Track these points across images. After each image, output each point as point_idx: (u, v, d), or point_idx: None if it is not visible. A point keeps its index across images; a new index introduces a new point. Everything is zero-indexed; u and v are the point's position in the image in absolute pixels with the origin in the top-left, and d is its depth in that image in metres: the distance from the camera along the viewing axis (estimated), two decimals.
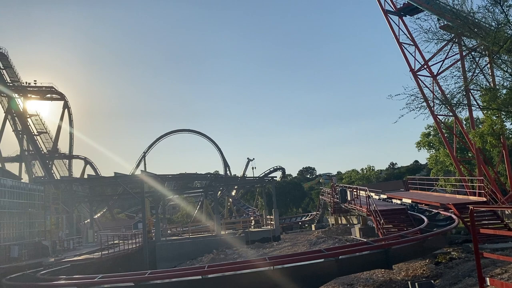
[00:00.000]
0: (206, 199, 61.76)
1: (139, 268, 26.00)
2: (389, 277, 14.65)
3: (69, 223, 38.56)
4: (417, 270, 14.93)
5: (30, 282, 14.80)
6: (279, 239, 37.09)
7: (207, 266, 13.95)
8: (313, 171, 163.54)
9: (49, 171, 72.64)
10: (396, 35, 30.17)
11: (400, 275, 14.75)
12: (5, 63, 73.41)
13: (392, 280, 14.32)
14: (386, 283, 14.07)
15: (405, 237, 15.24)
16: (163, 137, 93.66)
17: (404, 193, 31.64)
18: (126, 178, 43.56)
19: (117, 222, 71.71)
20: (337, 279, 14.51)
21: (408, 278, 14.15)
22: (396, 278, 14.48)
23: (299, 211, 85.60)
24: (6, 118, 73.69)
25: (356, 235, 28.31)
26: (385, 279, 14.61)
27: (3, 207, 24.27)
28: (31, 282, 14.68)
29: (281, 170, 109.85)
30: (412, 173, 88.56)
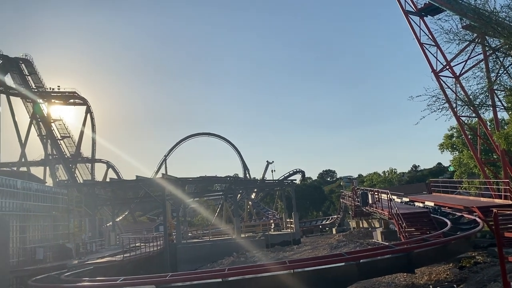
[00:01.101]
0: (226, 202, 61.94)
1: (160, 271, 26.24)
2: (412, 281, 14.43)
3: (92, 226, 39.15)
4: (440, 274, 14.67)
5: (55, 283, 15.07)
6: (299, 242, 36.91)
7: (227, 269, 14.00)
8: (334, 174, 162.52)
9: (72, 175, 74.02)
10: (417, 35, 29.76)
11: (423, 279, 14.51)
12: (30, 69, 75.34)
13: (415, 284, 14.10)
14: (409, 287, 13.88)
15: (427, 240, 14.98)
16: (183, 141, 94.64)
17: (427, 196, 31.16)
18: (147, 182, 44.12)
19: (139, 225, 72.57)
20: (358, 283, 14.36)
21: (431, 282, 13.91)
22: (418, 282, 14.25)
23: (319, 214, 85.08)
24: (31, 123, 75.53)
25: (378, 239, 27.96)
26: (407, 283, 14.40)
27: (28, 210, 24.80)
28: (56, 284, 14.96)
29: (300, 173, 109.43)
30: (435, 175, 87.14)
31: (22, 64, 74.73)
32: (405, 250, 13.66)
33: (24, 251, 23.25)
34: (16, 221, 23.14)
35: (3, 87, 75.12)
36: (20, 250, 23.03)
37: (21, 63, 74.66)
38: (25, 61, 75.03)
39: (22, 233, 23.78)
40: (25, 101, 75.40)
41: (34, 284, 15.20)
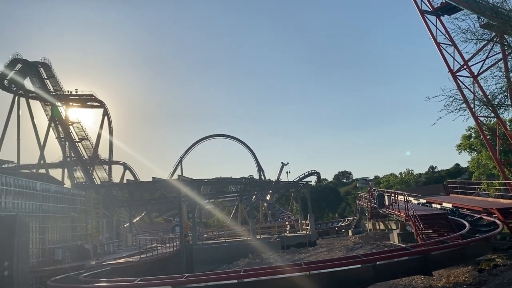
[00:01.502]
0: (241, 203, 62.02)
1: (177, 271, 26.43)
2: (429, 283, 14.25)
3: (109, 227, 39.58)
4: (458, 277, 14.46)
5: (73, 284, 15.28)
6: (315, 244, 36.76)
7: (243, 270, 14.02)
8: (350, 176, 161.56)
9: (90, 176, 74.92)
10: (433, 35, 29.40)
11: (441, 282, 14.32)
12: (49, 73, 76.60)
13: (432, 287, 13.93)
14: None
15: (445, 242, 14.78)
16: (198, 142, 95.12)
17: (444, 198, 30.77)
18: (163, 183, 44.36)
19: (155, 226, 73.09)
20: (375, 285, 14.22)
21: (449, 285, 13.73)
22: (436, 285, 14.07)
23: (335, 216, 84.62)
24: (49, 125, 76.75)
25: (395, 241, 27.71)
26: (424, 285, 14.22)
27: (47, 211, 25.19)
28: (74, 284, 15.16)
29: (316, 175, 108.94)
30: (452, 176, 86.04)
31: (41, 68, 76.03)
32: (423, 252, 13.50)
33: (43, 251, 23.63)
34: (35, 222, 23.53)
35: (22, 91, 76.60)
36: (40, 250, 23.41)
37: (39, 67, 75.97)
38: (43, 65, 76.32)
39: (42, 234, 24.18)
40: (44, 104, 76.70)
41: (53, 284, 15.43)
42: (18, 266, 9.34)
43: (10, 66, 74.06)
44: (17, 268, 9.25)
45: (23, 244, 10.08)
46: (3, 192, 20.73)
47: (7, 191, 21.10)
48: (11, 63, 74.01)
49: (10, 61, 73.95)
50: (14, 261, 9.18)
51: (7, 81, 75.96)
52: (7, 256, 9.18)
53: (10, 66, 74.11)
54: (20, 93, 76.82)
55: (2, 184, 20.74)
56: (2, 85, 76.24)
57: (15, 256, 9.22)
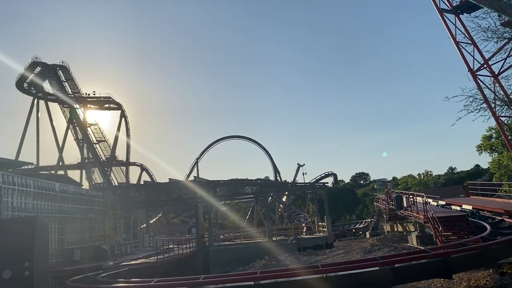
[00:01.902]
0: (257, 204, 61.94)
1: (193, 272, 26.49)
2: (449, 287, 13.99)
3: (127, 228, 39.96)
4: (479, 280, 14.15)
5: (92, 284, 15.43)
6: (332, 246, 36.49)
7: (259, 272, 13.95)
8: (367, 177, 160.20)
9: (107, 177, 75.84)
10: (452, 34, 28.88)
11: (461, 285, 14.03)
12: (67, 76, 77.90)
13: None
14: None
15: (465, 245, 14.49)
16: (214, 144, 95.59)
17: (464, 199, 30.24)
18: (180, 184, 44.59)
19: (172, 227, 73.53)
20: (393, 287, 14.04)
21: None
22: None
23: (352, 218, 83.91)
24: (68, 127, 78.03)
25: (413, 243, 27.32)
26: None
27: (66, 212, 25.55)
28: (92, 284, 15.30)
29: (333, 176, 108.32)
30: (472, 178, 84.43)
31: (59, 71, 77.39)
32: (442, 255, 13.25)
33: (62, 252, 23.97)
34: (54, 223, 23.88)
35: (41, 93, 78.09)
36: (59, 251, 23.76)
37: (58, 70, 77.34)
38: (62, 68, 77.66)
39: (60, 234, 24.52)
40: (62, 106, 78.04)
41: (72, 285, 15.61)
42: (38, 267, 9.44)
43: (29, 69, 75.62)
44: (37, 268, 9.35)
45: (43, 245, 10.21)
46: (23, 193, 21.09)
47: (27, 192, 21.46)
48: (31, 66, 75.54)
49: (30, 64, 75.49)
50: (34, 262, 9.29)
51: (26, 84, 77.55)
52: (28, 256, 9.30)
53: (30, 69, 75.67)
54: (39, 95, 78.32)
55: (22, 185, 21.11)
56: (22, 88, 77.85)
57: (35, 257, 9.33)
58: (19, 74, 76.04)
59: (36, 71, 76.03)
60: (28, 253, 9.36)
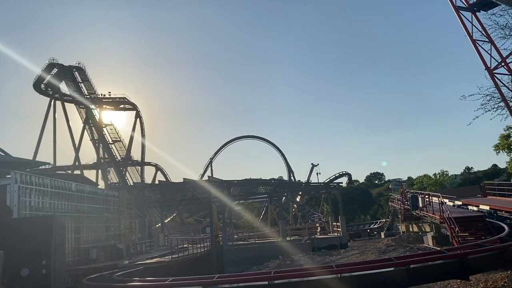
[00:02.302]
0: (271, 204, 61.92)
1: (207, 272, 26.62)
2: None
3: (142, 227, 40.27)
4: (497, 282, 13.93)
5: (107, 283, 15.61)
6: (346, 246, 36.30)
7: (273, 272, 13.95)
8: (382, 177, 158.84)
9: (123, 177, 76.63)
10: (469, 32, 28.47)
11: (478, 286, 13.84)
12: (83, 77, 78.97)
13: None
14: None
15: (483, 246, 14.28)
16: (228, 144, 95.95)
17: (481, 199, 29.80)
18: (194, 184, 44.87)
19: (186, 226, 74.02)
20: None
21: None
22: None
23: (367, 218, 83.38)
24: (84, 128, 79.05)
25: (429, 244, 27.02)
26: None
27: (82, 211, 25.83)
28: (108, 283, 15.49)
29: (347, 176, 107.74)
30: (490, 177, 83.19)
31: (75, 72, 78.49)
32: (459, 256, 13.07)
33: (79, 250, 24.24)
34: (71, 222, 24.17)
35: (58, 94, 79.28)
36: (75, 249, 24.04)
37: (74, 71, 78.44)
38: (78, 69, 78.76)
39: (77, 233, 24.81)
40: (79, 107, 79.07)
41: (88, 283, 15.83)
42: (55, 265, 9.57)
43: (46, 71, 76.86)
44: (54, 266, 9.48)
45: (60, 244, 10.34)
46: (40, 193, 21.40)
47: (44, 191, 21.77)
48: (48, 67, 76.75)
49: (47, 66, 76.70)
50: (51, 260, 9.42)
51: (44, 85, 78.82)
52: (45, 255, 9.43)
53: (47, 71, 76.90)
54: (56, 96, 79.54)
55: (40, 185, 21.42)
56: (39, 89, 79.16)
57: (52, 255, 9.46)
58: (37, 76, 77.38)
59: (53, 72, 77.22)
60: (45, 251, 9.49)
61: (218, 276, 13.94)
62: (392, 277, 12.37)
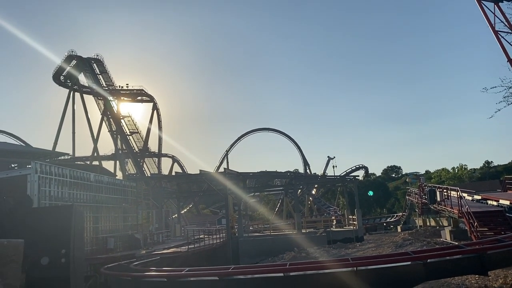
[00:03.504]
0: (286, 197, 61.91)
1: (223, 263, 26.85)
2: (484, 284, 13.62)
3: (159, 218, 40.72)
4: None
5: (125, 272, 15.85)
6: (362, 240, 36.15)
7: (289, 264, 13.95)
8: (399, 170, 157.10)
9: (140, 168, 77.47)
10: (491, 23, 27.82)
11: (497, 282, 13.63)
12: (101, 68, 79.76)
13: (488, 287, 13.29)
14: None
15: (502, 241, 14.02)
16: (244, 136, 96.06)
17: (502, 194, 29.28)
18: (210, 176, 45.14)
19: (202, 217, 74.61)
20: (425, 283, 13.77)
21: (507, 286, 13.05)
22: (492, 285, 13.42)
23: (383, 211, 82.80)
24: (102, 119, 79.99)
25: (447, 238, 26.71)
26: (479, 285, 13.61)
27: (101, 201, 26.22)
28: (126, 272, 15.72)
29: (363, 169, 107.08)
30: (510, 172, 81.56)
31: (94, 64, 79.32)
32: (477, 251, 12.86)
33: (97, 240, 24.66)
34: (89, 212, 24.57)
35: (77, 86, 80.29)
36: (93, 239, 24.46)
37: (93, 63, 79.28)
38: (96, 61, 79.56)
39: (95, 223, 25.22)
40: (97, 98, 79.97)
41: (106, 272, 16.09)
42: (74, 254, 9.74)
43: (66, 62, 77.87)
44: (73, 255, 9.64)
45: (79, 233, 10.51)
46: (60, 183, 21.79)
47: (64, 182, 22.15)
48: (67, 59, 77.74)
49: (66, 57, 77.69)
50: (70, 249, 9.59)
51: (63, 76, 79.90)
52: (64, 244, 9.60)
53: (66, 62, 77.90)
54: (75, 88, 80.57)
55: (59, 175, 21.80)
56: (59, 81, 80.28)
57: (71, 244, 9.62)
58: (56, 67, 78.47)
59: (72, 64, 78.20)
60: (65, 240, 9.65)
61: (233, 267, 14.00)
62: (409, 271, 12.25)
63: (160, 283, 13.57)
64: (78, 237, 10.17)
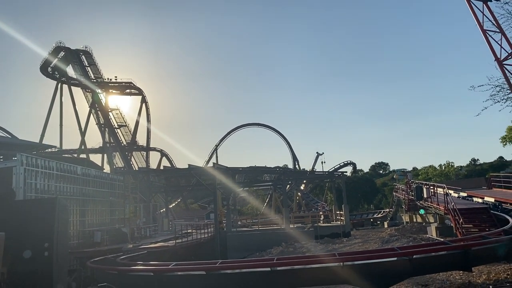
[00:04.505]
0: (275, 192, 62.03)
1: (210, 257, 26.80)
2: (468, 279, 13.77)
3: (146, 212, 40.50)
4: (500, 274, 13.89)
5: (111, 265, 15.74)
6: (349, 235, 36.40)
7: (276, 258, 13.98)
8: (386, 167, 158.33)
9: (128, 162, 76.87)
10: (480, 22, 28.01)
11: (481, 278, 13.80)
12: (90, 60, 78.77)
13: (472, 283, 13.44)
14: (465, 286, 13.24)
15: (487, 238, 14.21)
16: (233, 131, 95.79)
17: (487, 191, 29.67)
18: (199, 170, 44.96)
19: (190, 212, 74.42)
20: (411, 279, 13.89)
21: (490, 282, 13.20)
22: (476, 281, 13.57)
23: (370, 207, 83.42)
24: (90, 112, 79.03)
25: (432, 234, 27.00)
26: (463, 281, 13.75)
27: (87, 195, 26.03)
28: (112, 266, 15.61)
29: (351, 165, 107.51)
30: (496, 170, 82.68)
31: (82, 56, 78.26)
32: (462, 247, 13.02)
33: (83, 233, 24.48)
34: (76, 205, 24.38)
35: (65, 78, 79.24)
36: (80, 232, 24.28)
37: (81, 55, 78.23)
38: (85, 53, 78.52)
39: (82, 216, 25.04)
40: (85, 91, 78.96)
41: (92, 266, 15.98)
42: (58, 247, 9.64)
43: (53, 54, 76.72)
44: (56, 249, 9.55)
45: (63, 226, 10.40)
46: (46, 176, 21.55)
47: (50, 174, 21.92)
48: (55, 50, 76.63)
49: (54, 49, 76.57)
50: (53, 242, 9.48)
51: (50, 68, 78.77)
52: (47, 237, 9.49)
53: (54, 54, 76.76)
54: (62, 80, 79.52)
55: (45, 167, 21.56)
56: (46, 72, 79.13)
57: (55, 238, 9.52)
58: (44, 59, 77.24)
59: (60, 55, 77.09)
60: (48, 234, 9.55)
61: (221, 261, 14.01)
62: (394, 267, 12.36)
63: (147, 277, 13.51)
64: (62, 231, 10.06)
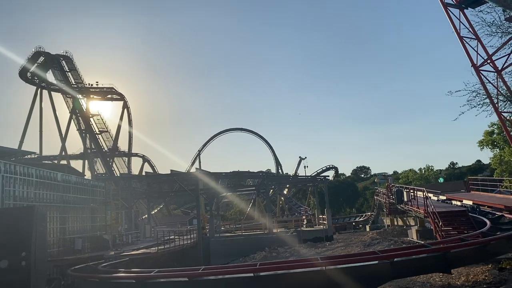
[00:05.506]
0: (259, 197, 62.03)
1: (194, 263, 26.64)
2: (448, 281, 14.02)
3: (128, 218, 40.10)
4: (478, 275, 14.18)
5: (93, 273, 15.54)
6: (331, 239, 36.63)
7: (259, 264, 14.01)
8: (368, 171, 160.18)
9: (109, 168, 75.95)
10: (456, 29, 28.67)
11: (460, 280, 14.07)
12: (70, 65, 77.79)
13: (451, 285, 13.70)
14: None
15: (465, 240, 14.49)
16: (216, 136, 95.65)
17: (465, 195, 30.21)
18: (181, 175, 44.79)
19: (173, 218, 73.76)
20: (392, 281, 14.08)
21: (469, 283, 13.48)
22: (455, 283, 13.83)
23: (352, 211, 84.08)
24: (71, 118, 77.99)
25: (413, 237, 27.37)
26: (443, 283, 14.00)
27: (68, 202, 25.66)
28: (93, 274, 15.42)
29: (334, 169, 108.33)
30: (474, 173, 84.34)
31: (62, 61, 77.28)
32: (441, 250, 13.25)
33: (64, 241, 24.12)
34: (56, 212, 23.99)
35: (45, 83, 78.12)
36: (60, 240, 23.90)
37: (61, 60, 77.24)
38: (65, 58, 77.57)
39: (62, 224, 24.64)
40: (65, 96, 77.89)
41: (73, 274, 15.75)
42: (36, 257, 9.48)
43: (33, 59, 75.63)
44: (34, 258, 9.39)
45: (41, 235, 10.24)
46: (25, 183, 21.18)
47: (29, 181, 21.55)
48: (34, 56, 75.53)
49: (33, 54, 75.47)
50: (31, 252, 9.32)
51: (30, 73, 77.58)
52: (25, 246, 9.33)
53: (33, 59, 75.67)
54: (42, 85, 78.40)
55: (24, 174, 21.20)
56: (25, 78, 77.90)
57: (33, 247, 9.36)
58: (22, 64, 76.07)
59: (40, 61, 76.00)
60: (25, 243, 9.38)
61: (203, 268, 13.96)
62: (376, 270, 12.50)
63: (129, 284, 13.38)
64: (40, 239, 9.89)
